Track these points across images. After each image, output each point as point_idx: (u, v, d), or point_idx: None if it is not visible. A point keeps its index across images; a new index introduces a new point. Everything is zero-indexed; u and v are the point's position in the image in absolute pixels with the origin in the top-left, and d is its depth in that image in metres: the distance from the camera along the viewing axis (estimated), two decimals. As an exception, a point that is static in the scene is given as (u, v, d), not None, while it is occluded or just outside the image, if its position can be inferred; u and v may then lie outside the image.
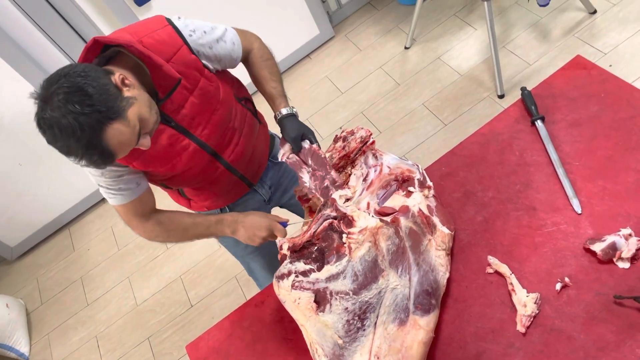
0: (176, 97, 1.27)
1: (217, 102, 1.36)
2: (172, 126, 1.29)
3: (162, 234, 1.43)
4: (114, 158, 1.11)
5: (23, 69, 2.64)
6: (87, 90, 1.05)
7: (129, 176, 1.32)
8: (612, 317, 1.08)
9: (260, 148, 1.59)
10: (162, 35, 1.25)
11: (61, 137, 1.05)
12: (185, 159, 1.35)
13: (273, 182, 1.69)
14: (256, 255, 1.79)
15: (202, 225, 1.44)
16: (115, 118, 1.08)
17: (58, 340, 2.84)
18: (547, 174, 1.34)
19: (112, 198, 1.35)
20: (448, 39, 3.09)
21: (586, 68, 1.49)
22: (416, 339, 1.12)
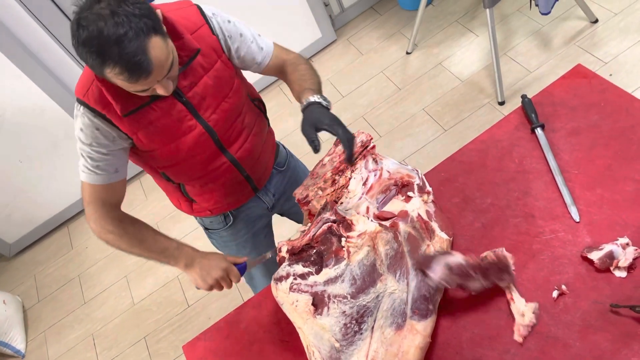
0: (191, 72, 1.27)
1: (230, 90, 1.36)
2: (182, 102, 1.29)
3: (116, 231, 1.32)
4: (150, 69, 1.08)
5: (25, 65, 2.64)
6: (138, 0, 1.07)
7: (113, 159, 1.29)
8: (609, 325, 1.09)
9: (267, 151, 1.59)
10: (186, 12, 1.29)
11: (107, 32, 1.01)
12: (190, 141, 1.33)
13: (277, 190, 1.69)
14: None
15: (161, 243, 1.37)
16: (160, 32, 1.09)
17: (54, 337, 2.84)
18: (546, 182, 1.35)
19: (85, 173, 1.30)
20: (450, 45, 3.10)
21: (587, 77, 1.50)
22: (413, 344, 1.12)
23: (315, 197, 1.43)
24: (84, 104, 1.24)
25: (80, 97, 1.24)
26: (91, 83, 1.22)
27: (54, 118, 2.85)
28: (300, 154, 2.97)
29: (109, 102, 1.22)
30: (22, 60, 2.63)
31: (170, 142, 1.32)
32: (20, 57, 2.62)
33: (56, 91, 2.77)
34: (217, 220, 1.63)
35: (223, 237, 1.67)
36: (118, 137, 1.27)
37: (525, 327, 1.12)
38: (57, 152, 2.99)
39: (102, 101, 1.22)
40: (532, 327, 1.13)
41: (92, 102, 1.23)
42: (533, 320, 1.13)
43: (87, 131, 1.25)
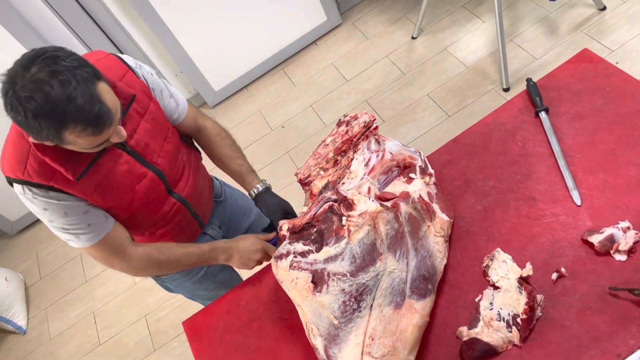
0: (129, 120, 1.22)
1: (168, 130, 1.34)
2: (127, 151, 1.24)
3: (152, 267, 1.34)
4: (111, 115, 1.04)
5: (29, 43, 2.63)
6: (70, 54, 1.02)
7: (94, 210, 1.22)
8: (607, 308, 1.09)
9: (207, 185, 1.58)
10: (107, 62, 1.23)
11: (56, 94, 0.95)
12: (144, 188, 1.29)
13: (222, 222, 1.66)
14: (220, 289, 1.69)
15: (194, 254, 1.39)
16: (102, 78, 1.05)
17: (55, 315, 2.86)
18: (548, 166, 1.34)
19: (82, 240, 1.23)
20: (456, 30, 3.08)
21: (592, 61, 1.49)
22: (411, 323, 1.13)
23: (317, 177, 1.44)
24: (27, 183, 1.14)
25: (20, 176, 1.14)
26: (26, 158, 1.13)
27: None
28: (305, 136, 2.98)
29: (53, 171, 1.14)
30: (26, 38, 2.62)
31: (125, 194, 1.26)
32: (24, 35, 2.61)
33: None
34: None
35: (175, 278, 1.60)
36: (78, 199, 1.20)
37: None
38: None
39: (46, 173, 1.14)
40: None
41: (36, 177, 1.14)
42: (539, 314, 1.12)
43: (52, 206, 1.17)
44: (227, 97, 3.39)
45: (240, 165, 1.51)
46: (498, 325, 1.12)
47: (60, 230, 1.22)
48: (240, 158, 1.53)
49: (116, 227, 1.28)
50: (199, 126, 1.50)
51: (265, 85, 3.35)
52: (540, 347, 1.09)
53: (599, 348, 1.05)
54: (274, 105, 3.22)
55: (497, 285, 1.18)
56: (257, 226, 1.78)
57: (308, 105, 3.12)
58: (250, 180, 1.51)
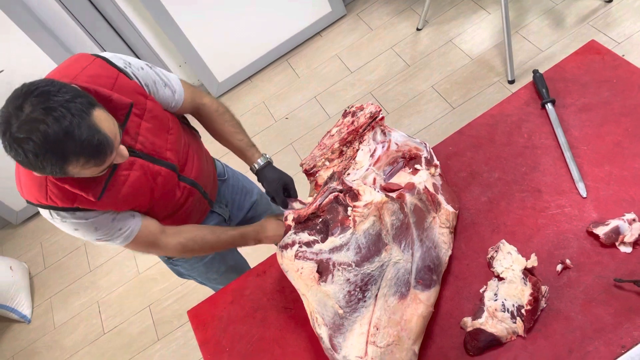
0: (129, 125, 1.23)
1: (169, 122, 1.34)
2: (138, 156, 1.26)
3: (187, 254, 1.46)
4: (111, 143, 1.05)
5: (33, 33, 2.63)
6: (61, 86, 1.01)
7: (121, 215, 1.28)
8: (611, 299, 1.09)
9: (209, 162, 1.59)
10: (94, 69, 1.20)
11: (54, 131, 0.95)
12: (160, 185, 1.32)
13: (228, 200, 1.69)
14: (229, 272, 1.77)
15: (226, 241, 1.46)
16: (97, 105, 1.05)
17: (60, 304, 2.88)
18: (554, 157, 1.34)
19: (119, 241, 1.30)
20: (461, 22, 3.06)
21: (600, 53, 1.48)
22: (416, 313, 1.13)
23: (323, 168, 1.44)
24: (53, 208, 1.17)
25: (43, 202, 1.17)
26: (45, 185, 1.15)
27: (62, 86, 2.85)
28: (308, 128, 2.98)
29: (74, 195, 1.16)
30: (29, 26, 2.62)
31: (147, 193, 1.31)
32: (28, 24, 2.61)
33: (64, 58, 2.75)
34: None
35: (188, 261, 1.65)
36: (105, 212, 1.25)
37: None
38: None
39: (67, 197, 1.16)
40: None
41: (60, 202, 1.16)
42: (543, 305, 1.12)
43: (81, 226, 1.22)
44: (231, 88, 3.39)
45: (240, 141, 1.52)
46: (502, 316, 1.13)
47: (95, 240, 1.28)
48: (240, 133, 1.53)
49: (145, 223, 1.34)
50: (197, 105, 1.49)
51: (269, 77, 3.34)
52: (545, 338, 1.09)
53: (603, 339, 1.05)
54: (278, 96, 3.22)
55: (501, 277, 1.18)
56: (259, 205, 1.82)
57: (312, 96, 3.12)
58: (251, 155, 1.52)
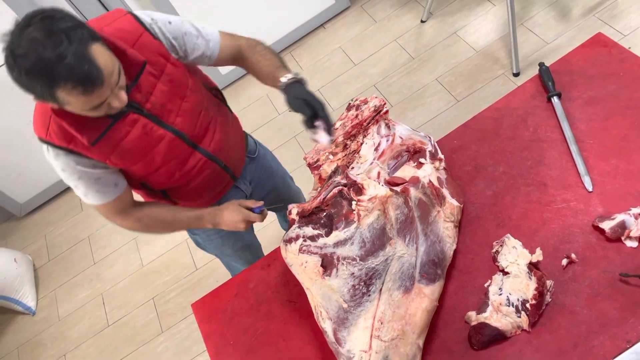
0: (143, 83, 1.24)
1: (186, 89, 1.33)
2: (144, 115, 1.26)
3: (143, 229, 1.46)
4: (102, 76, 1.05)
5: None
6: (66, 15, 1.04)
7: (106, 178, 1.30)
8: (617, 294, 1.09)
9: (237, 139, 1.58)
10: (122, 23, 1.23)
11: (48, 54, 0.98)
12: (163, 151, 1.32)
13: (253, 178, 1.69)
14: (243, 251, 1.80)
15: (182, 221, 1.46)
16: (99, 40, 1.07)
17: (64, 296, 2.89)
18: (560, 151, 1.33)
19: (90, 198, 1.32)
20: (465, 14, 3.04)
21: (606, 46, 1.47)
22: (420, 307, 1.13)
23: (327, 162, 1.43)
24: (50, 144, 1.22)
25: (43, 137, 1.22)
26: (48, 120, 1.19)
27: (65, 79, 2.85)
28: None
29: (72, 135, 1.20)
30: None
31: (144, 156, 1.31)
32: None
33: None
34: None
35: (206, 231, 1.66)
36: (95, 164, 1.27)
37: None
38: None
39: (65, 136, 1.20)
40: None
41: (56, 139, 1.20)
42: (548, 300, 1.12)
43: (69, 169, 1.25)
44: (234, 80, 3.38)
45: (268, 66, 1.38)
46: (507, 310, 1.12)
47: (74, 187, 1.31)
48: (269, 59, 1.40)
49: (123, 194, 1.36)
50: (234, 51, 1.43)
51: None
52: (550, 333, 1.09)
53: (608, 334, 1.05)
54: (277, 100, 3.21)
55: (506, 271, 1.18)
56: (282, 188, 1.83)
57: (315, 89, 3.10)
58: (277, 75, 1.34)
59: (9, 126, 2.91)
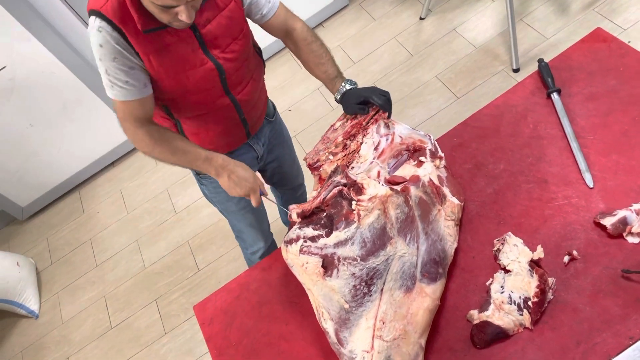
0: (208, 8, 1.29)
1: (240, 32, 1.38)
2: (196, 36, 1.29)
3: (149, 146, 1.38)
4: None
5: (34, 28, 2.62)
6: None
7: (138, 73, 1.28)
8: (619, 291, 1.09)
9: (262, 99, 1.62)
10: None
11: None
12: (199, 75, 1.34)
13: (266, 140, 1.73)
14: (246, 211, 1.82)
15: (190, 154, 1.40)
16: None
17: (67, 299, 2.90)
18: (560, 148, 1.33)
19: (116, 90, 1.29)
20: (464, 10, 3.03)
21: (606, 41, 1.46)
22: (422, 306, 1.13)
23: (326, 162, 1.43)
24: (100, 15, 1.21)
25: (97, 8, 1.21)
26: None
27: (64, 81, 2.84)
28: (311, 120, 2.97)
29: (127, 16, 1.21)
30: (31, 22, 2.61)
31: (180, 71, 1.32)
32: (30, 20, 2.60)
33: (65, 54, 2.75)
34: None
35: (213, 183, 1.68)
36: (133, 55, 1.26)
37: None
38: (68, 116, 2.99)
39: (121, 15, 1.20)
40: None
41: (111, 14, 1.20)
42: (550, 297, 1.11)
43: (108, 46, 1.23)
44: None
45: (324, 73, 1.50)
46: (509, 308, 1.12)
47: (104, 72, 1.27)
48: (324, 64, 1.51)
49: (146, 98, 1.32)
50: (288, 29, 1.51)
51: (271, 69, 3.32)
52: (552, 330, 1.09)
53: (611, 331, 1.05)
54: (281, 88, 3.20)
55: (508, 269, 1.18)
56: (282, 160, 1.87)
57: (315, 88, 3.10)
58: (332, 87, 1.50)
59: (10, 129, 2.91)
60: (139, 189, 3.17)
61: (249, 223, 1.86)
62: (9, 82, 2.73)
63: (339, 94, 1.48)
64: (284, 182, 1.98)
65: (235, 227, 1.94)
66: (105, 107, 3.01)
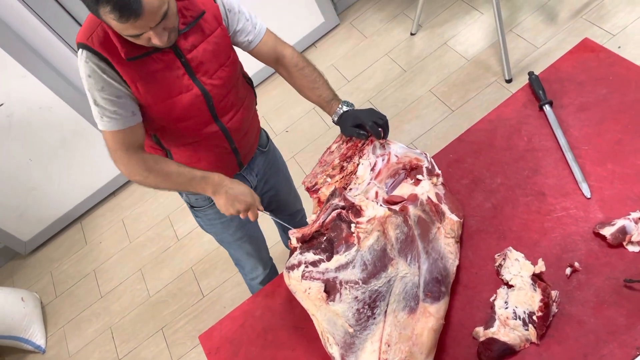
0: (193, 34, 1.30)
1: (227, 59, 1.39)
2: (182, 61, 1.31)
3: (143, 173, 1.37)
4: (140, 11, 1.10)
5: (30, 64, 2.65)
6: None
7: (127, 101, 1.29)
8: (623, 300, 1.08)
9: (254, 128, 1.63)
10: None
11: None
12: (186, 101, 1.34)
13: (259, 171, 1.72)
14: (243, 242, 1.81)
15: (185, 176, 1.39)
16: None
17: (73, 332, 2.88)
18: (555, 159, 1.33)
19: (105, 121, 1.30)
20: (454, 23, 3.06)
21: (594, 51, 1.48)
22: (427, 326, 1.12)
23: (324, 184, 1.44)
24: (87, 47, 1.24)
25: (83, 41, 1.25)
26: (97, 27, 1.24)
27: (62, 115, 2.86)
28: (309, 139, 2.99)
29: (113, 46, 1.23)
30: (27, 59, 2.64)
31: (167, 98, 1.33)
32: (25, 56, 2.63)
33: (62, 88, 2.78)
34: (202, 197, 1.63)
35: (208, 215, 1.69)
36: (121, 83, 1.28)
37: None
38: (66, 149, 3.01)
39: (106, 45, 1.24)
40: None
41: (97, 45, 1.24)
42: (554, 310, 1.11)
43: (95, 76, 1.25)
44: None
45: (319, 97, 1.52)
46: (514, 323, 1.12)
47: (92, 103, 1.29)
48: (319, 88, 1.52)
49: (136, 126, 1.33)
50: (277, 55, 1.52)
51: (266, 90, 3.35)
52: (558, 344, 1.08)
53: (617, 342, 1.04)
54: (277, 110, 3.23)
55: (510, 284, 1.18)
56: (279, 189, 1.85)
57: (310, 108, 3.12)
58: (329, 110, 1.51)
59: (10, 165, 2.93)
60: (141, 217, 3.18)
61: (246, 252, 1.86)
62: (7, 118, 2.76)
63: (336, 116, 1.49)
64: (282, 209, 1.97)
65: (234, 256, 1.93)
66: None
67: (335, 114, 1.49)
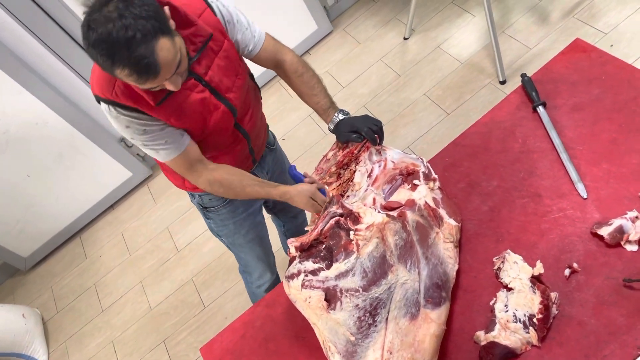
0: (204, 57, 1.31)
1: (240, 67, 1.41)
2: (203, 85, 1.33)
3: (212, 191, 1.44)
4: (158, 70, 1.11)
5: (25, 80, 2.65)
6: (145, 2, 1.09)
7: (170, 129, 1.33)
8: (622, 300, 1.09)
9: (263, 126, 1.66)
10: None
11: (115, 35, 1.04)
12: (215, 119, 1.37)
13: (269, 169, 1.75)
14: (254, 244, 1.82)
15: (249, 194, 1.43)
16: (167, 33, 1.12)
17: (75, 347, 2.87)
18: (551, 160, 1.34)
19: (162, 154, 1.34)
20: (447, 27, 3.07)
21: (586, 51, 1.48)
22: (428, 333, 1.12)
23: (321, 192, 1.43)
24: (113, 102, 1.25)
25: (108, 96, 1.25)
26: (114, 80, 1.23)
27: (58, 130, 2.86)
28: (305, 146, 2.99)
29: (138, 95, 1.24)
30: (21, 75, 2.64)
31: (199, 120, 1.36)
32: (20, 73, 2.63)
33: (58, 103, 2.78)
34: (216, 197, 1.64)
35: (221, 215, 1.69)
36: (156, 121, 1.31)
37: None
38: (64, 164, 3.01)
39: (132, 95, 1.24)
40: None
41: (122, 98, 1.24)
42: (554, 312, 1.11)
43: (133, 125, 1.28)
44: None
45: (317, 104, 1.53)
46: (515, 327, 1.12)
47: (142, 145, 1.33)
48: (317, 95, 1.53)
49: (191, 145, 1.37)
50: (277, 60, 1.53)
51: (262, 98, 3.35)
52: (560, 346, 1.08)
53: (618, 342, 1.04)
54: (273, 118, 3.23)
55: (510, 287, 1.18)
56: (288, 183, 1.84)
57: (307, 115, 3.13)
58: (326, 118, 1.53)
59: (7, 181, 2.93)
60: (140, 230, 3.17)
61: (257, 255, 1.87)
62: (4, 135, 2.76)
63: (332, 124, 1.50)
64: (286, 210, 2.00)
65: (242, 260, 1.93)
66: (101, 151, 3.03)
67: (332, 122, 1.50)
